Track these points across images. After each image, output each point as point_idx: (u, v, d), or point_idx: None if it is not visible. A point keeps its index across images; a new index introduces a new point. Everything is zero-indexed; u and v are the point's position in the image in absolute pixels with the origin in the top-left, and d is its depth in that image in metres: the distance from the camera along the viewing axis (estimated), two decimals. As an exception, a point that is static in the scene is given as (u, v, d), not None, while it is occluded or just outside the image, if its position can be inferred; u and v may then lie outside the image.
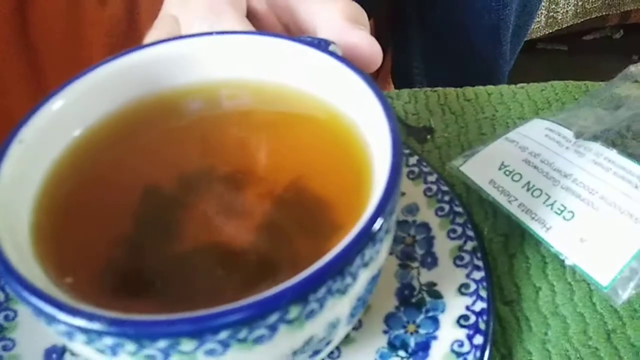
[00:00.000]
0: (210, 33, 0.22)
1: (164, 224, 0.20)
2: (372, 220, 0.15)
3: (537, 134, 0.26)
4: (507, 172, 0.25)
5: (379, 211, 0.15)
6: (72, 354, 0.21)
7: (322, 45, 0.23)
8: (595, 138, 0.26)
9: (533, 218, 0.24)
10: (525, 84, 0.34)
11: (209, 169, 0.21)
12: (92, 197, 0.20)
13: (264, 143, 0.22)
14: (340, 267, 0.14)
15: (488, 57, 0.67)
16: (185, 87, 0.22)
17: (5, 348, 0.21)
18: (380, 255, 0.16)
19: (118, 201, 0.20)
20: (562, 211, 0.23)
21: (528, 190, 0.24)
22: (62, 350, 0.21)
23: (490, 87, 0.34)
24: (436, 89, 0.35)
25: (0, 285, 0.23)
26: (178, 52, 0.21)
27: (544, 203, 0.24)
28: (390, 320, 0.22)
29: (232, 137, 0.22)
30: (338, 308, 0.15)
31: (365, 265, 0.15)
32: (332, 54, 0.21)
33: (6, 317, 0.22)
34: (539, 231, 0.23)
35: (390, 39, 0.76)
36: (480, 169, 0.26)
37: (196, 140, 0.22)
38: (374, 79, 0.95)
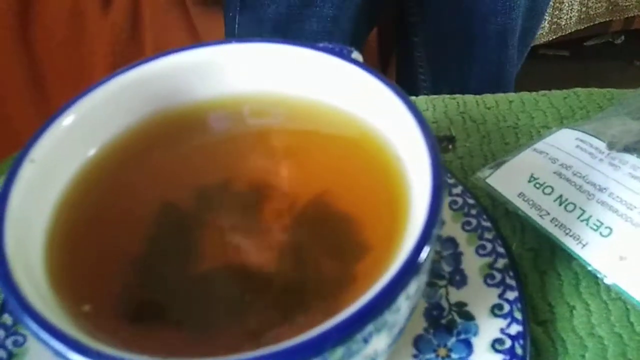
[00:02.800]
0: (230, 41, 0.21)
1: (182, 246, 0.19)
2: (418, 249, 0.14)
3: (567, 144, 0.25)
4: (538, 185, 0.24)
5: (425, 238, 0.14)
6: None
7: (345, 53, 0.22)
8: (628, 149, 0.25)
9: (567, 234, 0.23)
10: (547, 91, 0.33)
11: (229, 187, 0.20)
12: (108, 219, 0.18)
13: (287, 159, 0.21)
14: (386, 304, 0.13)
15: (495, 62, 0.66)
16: (205, 100, 0.21)
17: (14, 376, 0.20)
18: (423, 284, 0.15)
19: (134, 223, 0.19)
20: (598, 227, 0.22)
21: (561, 204, 0.23)
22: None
23: (510, 95, 0.33)
24: (455, 96, 0.33)
25: (8, 309, 0.21)
26: (197, 62, 0.20)
27: (578, 218, 0.23)
28: (419, 343, 0.21)
29: (255, 154, 0.21)
30: (379, 342, 0.14)
31: (408, 297, 0.14)
32: (359, 64, 0.20)
33: (15, 343, 0.20)
34: (574, 247, 0.22)
35: (395, 47, 0.75)
36: (508, 181, 0.25)
37: (217, 157, 0.20)
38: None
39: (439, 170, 0.16)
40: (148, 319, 0.17)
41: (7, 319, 0.21)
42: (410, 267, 0.14)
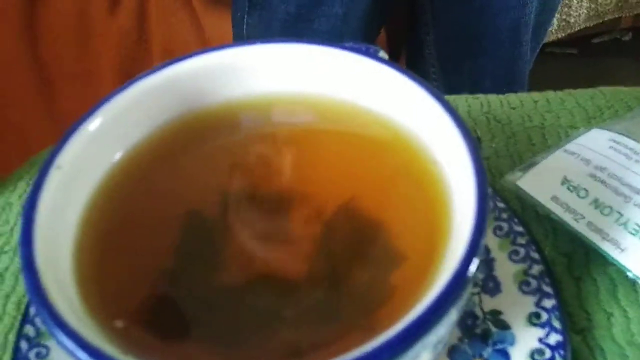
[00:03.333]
0: (256, 42, 0.20)
1: (210, 256, 0.18)
2: (467, 260, 0.13)
3: (600, 145, 0.24)
4: (571, 188, 0.23)
5: (474, 250, 0.13)
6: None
7: (372, 52, 0.21)
8: (662, 150, 0.24)
9: (604, 238, 0.22)
10: (572, 90, 0.32)
11: (257, 192, 0.20)
12: (135, 227, 0.18)
13: (318, 161, 0.20)
14: (438, 318, 0.12)
15: (508, 59, 0.65)
16: (233, 102, 0.20)
17: (37, 389, 0.19)
18: (468, 295, 0.15)
19: (162, 231, 0.18)
20: (637, 231, 0.21)
21: (596, 207, 0.22)
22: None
23: (535, 94, 0.32)
24: (477, 95, 0.33)
25: (29, 319, 0.21)
26: (224, 63, 0.19)
27: (615, 222, 0.22)
28: (455, 354, 0.20)
29: (284, 156, 0.20)
30: (425, 356, 0.14)
31: (457, 309, 0.14)
32: (390, 63, 0.20)
33: (38, 355, 0.20)
34: (612, 252, 0.21)
35: (405, 45, 0.75)
36: (540, 184, 0.24)
37: (245, 160, 0.20)
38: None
39: (483, 176, 0.15)
40: (180, 335, 0.16)
41: (30, 329, 0.20)
42: (461, 280, 0.13)
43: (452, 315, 0.13)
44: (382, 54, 0.22)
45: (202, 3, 0.89)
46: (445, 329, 0.14)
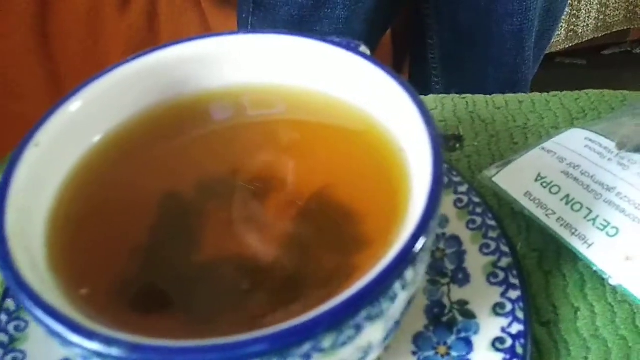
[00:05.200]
0: (236, 32, 0.21)
1: (183, 234, 0.19)
2: (414, 239, 0.14)
3: (576, 144, 0.25)
4: (545, 184, 0.24)
5: (421, 229, 0.14)
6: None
7: (352, 47, 0.21)
8: (638, 149, 0.24)
9: (573, 234, 0.22)
10: (558, 92, 0.33)
11: (232, 177, 0.20)
12: (110, 206, 0.19)
13: (290, 151, 0.21)
14: (379, 291, 0.13)
15: (511, 64, 0.65)
16: (210, 91, 0.21)
17: (15, 360, 0.20)
18: (420, 276, 0.15)
19: (137, 210, 0.19)
20: (605, 227, 0.22)
21: (567, 203, 0.23)
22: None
23: (521, 95, 0.33)
24: (464, 95, 0.33)
25: (11, 293, 0.22)
26: (203, 52, 0.20)
27: (585, 218, 0.22)
28: (419, 340, 0.21)
29: (257, 145, 0.21)
30: (373, 333, 0.14)
31: (404, 287, 0.14)
32: (364, 55, 0.20)
33: (17, 328, 0.21)
34: (579, 248, 0.22)
35: (408, 49, 0.75)
36: (514, 180, 0.25)
37: (219, 148, 0.21)
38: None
39: (439, 161, 0.16)
40: (146, 305, 0.17)
41: (11, 304, 0.21)
42: (405, 256, 0.14)
43: (397, 290, 0.14)
44: (364, 48, 0.23)
45: (210, 3, 0.90)
46: (392, 304, 0.14)
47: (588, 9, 1.12)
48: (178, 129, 0.21)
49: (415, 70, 0.76)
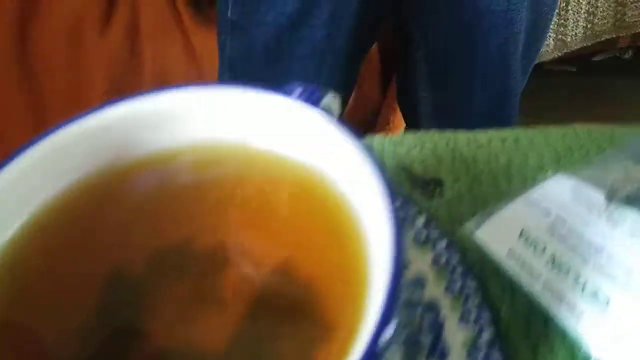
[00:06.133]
0: (185, 87, 0.19)
1: (130, 319, 0.17)
2: (375, 337, 0.12)
3: (561, 195, 0.23)
4: (529, 242, 0.22)
5: (383, 324, 0.12)
6: None
7: (314, 98, 0.19)
8: (629, 200, 0.22)
9: (561, 301, 0.20)
10: (544, 128, 0.31)
11: (184, 249, 0.18)
12: (51, 284, 0.17)
13: (245, 219, 0.19)
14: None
15: (498, 77, 0.64)
16: (160, 152, 0.19)
17: None
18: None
19: (80, 291, 0.17)
20: (594, 295, 0.20)
21: (554, 266, 0.21)
22: None
23: (504, 132, 0.31)
24: (445, 132, 0.31)
25: None
26: (150, 111, 0.18)
27: (573, 283, 0.20)
28: None
29: (210, 212, 0.19)
30: None
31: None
32: (324, 112, 0.18)
33: None
34: (567, 319, 0.20)
35: (396, 65, 0.74)
36: (497, 235, 0.23)
37: (171, 214, 0.19)
38: (380, 106, 0.92)
39: (400, 249, 0.14)
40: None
41: None
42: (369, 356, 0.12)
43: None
44: (329, 98, 0.21)
45: (193, 23, 0.88)
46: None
47: (576, 18, 1.11)
48: (125, 195, 0.19)
49: (403, 87, 0.75)
